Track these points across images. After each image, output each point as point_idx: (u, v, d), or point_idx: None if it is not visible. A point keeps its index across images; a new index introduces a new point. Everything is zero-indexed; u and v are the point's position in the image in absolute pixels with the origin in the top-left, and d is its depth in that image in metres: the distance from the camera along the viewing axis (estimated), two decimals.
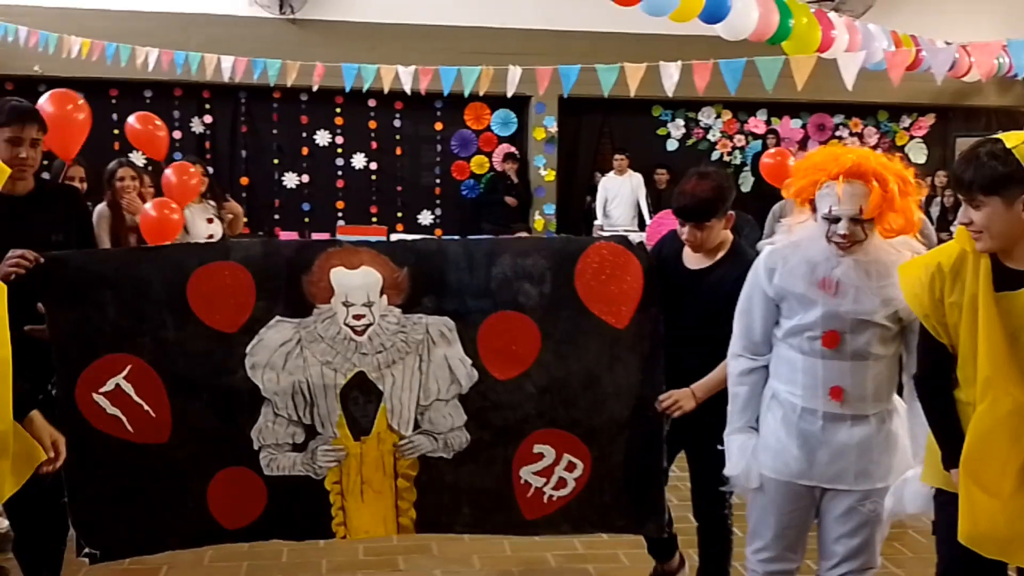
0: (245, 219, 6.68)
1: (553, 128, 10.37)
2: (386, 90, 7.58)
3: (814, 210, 2.59)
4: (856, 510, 2.58)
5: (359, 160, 10.56)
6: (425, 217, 10.77)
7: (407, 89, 7.33)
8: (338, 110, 10.39)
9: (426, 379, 3.08)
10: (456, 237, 10.06)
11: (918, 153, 11.19)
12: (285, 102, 10.28)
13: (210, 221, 5.70)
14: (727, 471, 2.77)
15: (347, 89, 7.63)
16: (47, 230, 3.12)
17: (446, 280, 3.09)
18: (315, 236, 10.02)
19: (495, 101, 10.32)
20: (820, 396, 2.57)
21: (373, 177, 10.62)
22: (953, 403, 2.37)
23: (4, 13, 8.40)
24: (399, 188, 10.69)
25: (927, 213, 6.78)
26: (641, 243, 3.16)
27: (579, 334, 3.11)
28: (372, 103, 10.30)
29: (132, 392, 2.97)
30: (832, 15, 6.19)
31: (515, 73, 6.92)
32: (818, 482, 2.61)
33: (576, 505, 3.21)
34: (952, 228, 8.85)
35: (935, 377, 2.41)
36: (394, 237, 10.28)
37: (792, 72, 5.51)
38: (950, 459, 2.34)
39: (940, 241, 6.28)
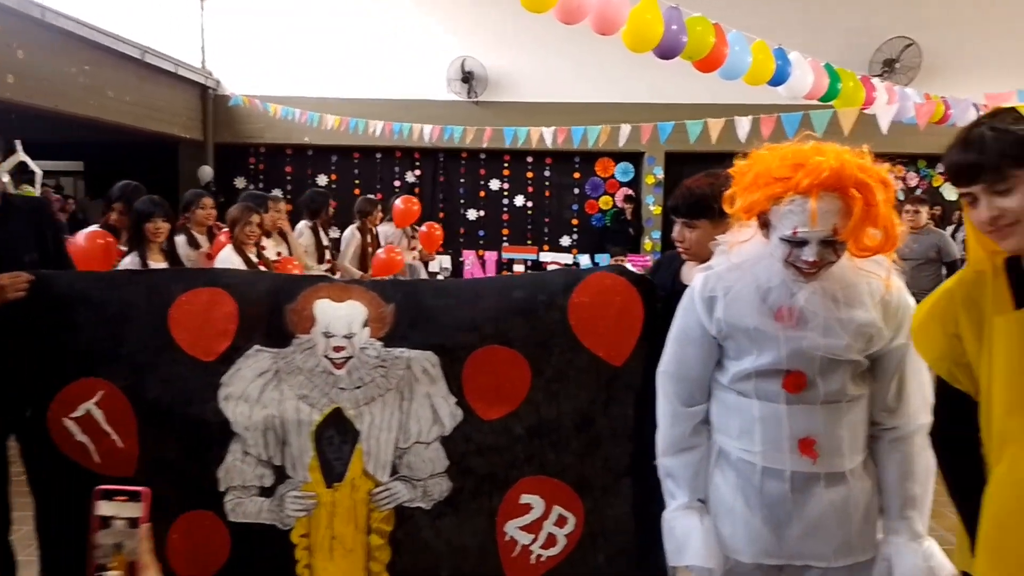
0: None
1: (660, 175, 10.10)
2: (533, 145, 7.63)
3: (763, 226, 1.58)
4: None
5: (519, 200, 10.57)
6: (565, 240, 10.63)
7: (548, 143, 7.34)
8: (505, 165, 10.46)
9: (407, 419, 2.16)
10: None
11: (951, 192, 10.19)
12: (469, 160, 10.45)
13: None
14: (678, 561, 1.67)
15: (507, 143, 7.73)
16: (19, 249, 2.22)
17: (432, 313, 2.18)
18: (485, 255, 10.17)
19: (618, 156, 10.19)
20: (787, 452, 1.57)
21: (529, 212, 10.59)
22: (979, 464, 1.37)
23: (286, 102, 9.05)
24: (547, 220, 10.62)
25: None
26: (643, 275, 2.20)
27: (572, 371, 2.14)
28: (529, 160, 10.31)
29: (102, 419, 2.13)
30: (875, 80, 5.74)
31: (625, 129, 6.82)
32: (789, 559, 1.60)
33: (568, 568, 2.18)
34: None
35: (954, 430, 1.43)
36: (542, 256, 10.35)
37: (839, 122, 5.15)
38: (975, 540, 1.35)
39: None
